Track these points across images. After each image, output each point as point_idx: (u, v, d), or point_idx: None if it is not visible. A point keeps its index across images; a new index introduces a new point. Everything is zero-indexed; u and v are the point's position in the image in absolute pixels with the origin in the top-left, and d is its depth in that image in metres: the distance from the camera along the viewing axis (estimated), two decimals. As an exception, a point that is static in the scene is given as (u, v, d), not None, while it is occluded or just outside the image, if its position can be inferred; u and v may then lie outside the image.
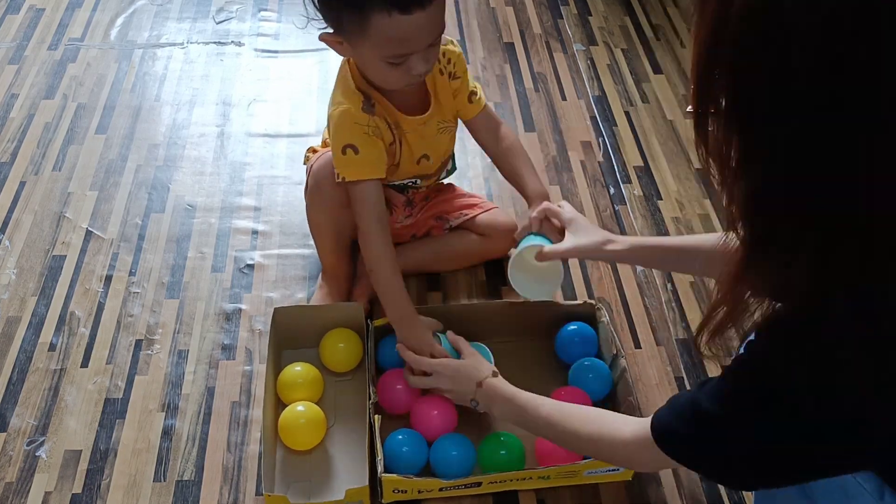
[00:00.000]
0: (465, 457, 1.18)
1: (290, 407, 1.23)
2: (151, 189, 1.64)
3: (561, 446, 1.12)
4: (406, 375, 1.23)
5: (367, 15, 1.09)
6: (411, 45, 1.13)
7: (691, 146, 1.80)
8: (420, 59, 1.15)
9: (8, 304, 1.42)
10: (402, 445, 1.18)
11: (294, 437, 1.22)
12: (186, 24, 2.08)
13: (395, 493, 1.16)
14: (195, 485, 1.20)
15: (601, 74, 1.98)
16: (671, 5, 2.23)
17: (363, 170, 1.22)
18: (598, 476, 1.20)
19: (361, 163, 1.22)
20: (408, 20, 1.08)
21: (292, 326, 1.32)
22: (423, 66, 1.16)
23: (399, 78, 1.18)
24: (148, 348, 1.37)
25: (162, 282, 1.47)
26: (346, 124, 1.21)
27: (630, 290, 1.49)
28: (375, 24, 1.09)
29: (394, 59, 1.14)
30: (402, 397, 1.24)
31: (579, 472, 1.18)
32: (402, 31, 1.10)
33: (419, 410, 1.23)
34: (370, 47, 1.13)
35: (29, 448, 1.23)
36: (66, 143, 1.73)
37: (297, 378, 1.27)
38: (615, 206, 1.65)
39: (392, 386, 1.25)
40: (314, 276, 1.49)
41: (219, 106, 1.85)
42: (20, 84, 1.87)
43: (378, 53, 1.14)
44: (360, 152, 1.22)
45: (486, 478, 1.16)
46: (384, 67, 1.16)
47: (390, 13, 1.08)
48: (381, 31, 1.10)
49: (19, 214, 1.58)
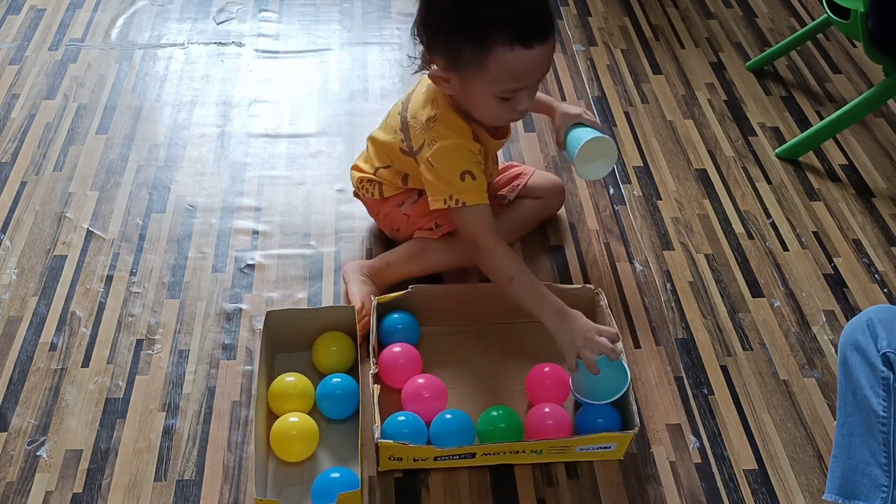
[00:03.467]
0: (464, 430, 1.21)
1: (282, 418, 1.22)
2: (152, 189, 1.64)
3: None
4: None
5: (489, 49, 1.14)
6: (527, 79, 1.18)
7: (691, 146, 1.80)
8: (527, 95, 1.21)
9: (9, 303, 1.43)
10: (403, 427, 1.20)
11: (286, 449, 1.21)
12: (187, 24, 2.09)
13: (391, 460, 1.19)
14: (196, 484, 1.20)
15: (601, 75, 1.98)
16: (671, 6, 2.24)
17: (482, 194, 1.28)
18: (589, 453, 1.22)
19: (480, 188, 1.27)
20: (528, 55, 1.14)
21: (285, 329, 1.32)
22: (527, 103, 1.22)
23: (505, 114, 1.24)
24: (149, 348, 1.37)
25: (163, 282, 1.47)
26: (461, 153, 1.26)
27: (629, 289, 1.50)
28: (496, 59, 1.14)
29: (507, 93, 1.19)
30: (402, 372, 1.29)
31: (571, 447, 1.20)
32: (522, 66, 1.15)
33: (410, 390, 1.26)
34: (485, 82, 1.17)
35: (30, 448, 1.24)
36: (67, 143, 1.74)
37: (289, 389, 1.26)
38: (615, 206, 1.65)
39: (394, 361, 1.28)
40: (315, 276, 1.49)
41: (219, 106, 1.85)
42: (21, 84, 1.87)
43: (493, 89, 1.18)
44: (477, 178, 1.27)
45: (479, 448, 1.18)
46: (493, 103, 1.20)
47: (513, 47, 1.13)
48: (501, 65, 1.15)
49: (20, 214, 1.58)
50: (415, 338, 1.35)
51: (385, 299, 1.34)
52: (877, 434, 1.05)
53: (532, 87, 1.21)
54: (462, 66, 1.18)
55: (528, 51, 1.13)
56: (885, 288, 1.53)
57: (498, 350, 1.37)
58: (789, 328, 1.45)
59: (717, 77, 2.00)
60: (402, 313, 1.35)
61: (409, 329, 1.35)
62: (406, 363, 1.29)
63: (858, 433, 1.07)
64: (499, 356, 1.37)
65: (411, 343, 1.33)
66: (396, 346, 1.31)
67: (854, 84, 2.00)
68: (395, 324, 1.34)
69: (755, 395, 1.35)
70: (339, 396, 1.25)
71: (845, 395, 1.09)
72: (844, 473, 1.09)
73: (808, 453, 1.27)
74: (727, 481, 1.24)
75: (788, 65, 2.05)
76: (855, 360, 1.07)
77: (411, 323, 1.35)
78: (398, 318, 1.35)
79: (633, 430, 1.19)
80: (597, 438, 1.20)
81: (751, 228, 1.63)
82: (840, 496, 1.08)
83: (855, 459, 1.08)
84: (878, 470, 1.05)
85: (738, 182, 1.73)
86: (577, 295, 1.37)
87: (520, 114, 1.24)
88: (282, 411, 1.24)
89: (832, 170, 1.77)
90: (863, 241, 1.62)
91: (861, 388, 1.05)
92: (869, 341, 1.04)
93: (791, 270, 1.55)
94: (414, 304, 1.36)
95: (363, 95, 1.90)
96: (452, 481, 1.22)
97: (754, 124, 1.87)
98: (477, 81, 1.18)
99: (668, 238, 1.60)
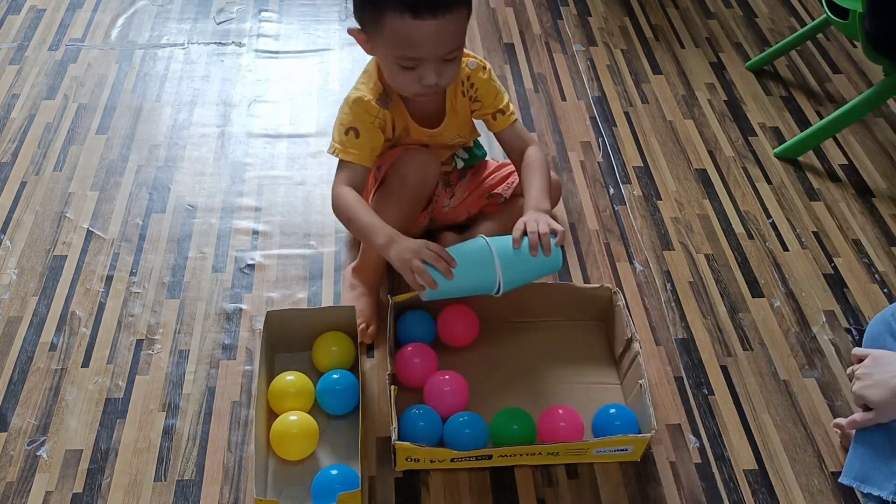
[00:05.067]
0: (478, 434, 1.21)
1: (282, 417, 1.22)
2: (152, 189, 1.64)
3: None
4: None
5: (382, 13, 1.18)
6: (420, 50, 1.19)
7: (690, 146, 1.80)
8: (431, 70, 1.21)
9: (9, 304, 1.43)
10: (419, 420, 1.21)
11: (287, 448, 1.21)
12: (187, 24, 2.09)
13: (408, 461, 1.19)
14: (196, 484, 1.20)
15: (601, 75, 1.98)
16: (671, 6, 2.24)
17: (358, 155, 1.30)
18: (606, 455, 1.22)
19: (360, 147, 1.30)
20: (418, 25, 1.16)
21: (285, 329, 1.32)
22: (433, 78, 1.22)
23: (409, 84, 1.24)
24: (149, 348, 1.37)
25: (163, 282, 1.47)
26: (358, 109, 1.30)
27: (630, 289, 1.50)
28: (388, 24, 1.18)
29: (404, 61, 1.21)
30: (418, 372, 1.29)
31: (588, 449, 1.20)
32: (412, 35, 1.17)
33: (432, 387, 1.26)
34: (382, 45, 1.22)
35: (30, 448, 1.24)
36: (67, 143, 1.74)
37: (289, 387, 1.26)
38: (615, 207, 1.66)
39: (410, 360, 1.29)
40: (315, 276, 1.49)
41: (219, 106, 1.85)
42: (21, 84, 1.87)
43: (389, 53, 1.22)
44: (361, 138, 1.30)
45: (496, 451, 1.19)
46: (396, 70, 1.23)
47: (402, 15, 1.16)
48: (392, 31, 1.18)
49: (20, 214, 1.58)
50: (430, 337, 1.35)
51: (401, 298, 1.35)
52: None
53: (439, 62, 1.20)
54: (366, 28, 1.24)
55: (417, 21, 1.15)
56: (885, 288, 1.53)
57: (515, 348, 1.38)
58: (789, 328, 1.45)
59: (717, 77, 2.00)
60: (417, 312, 1.35)
61: (424, 328, 1.35)
62: (422, 363, 1.29)
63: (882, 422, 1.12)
64: (516, 353, 1.37)
65: (426, 342, 1.33)
66: (411, 345, 1.31)
67: (854, 84, 2.00)
68: (411, 323, 1.35)
69: (755, 395, 1.35)
70: (339, 392, 1.26)
71: None
72: (863, 459, 1.14)
73: (808, 453, 1.27)
74: (727, 481, 1.24)
75: (788, 65, 2.05)
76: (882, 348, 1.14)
77: (427, 322, 1.35)
78: (414, 317, 1.35)
79: (651, 433, 1.18)
80: (614, 441, 1.19)
81: (751, 228, 1.63)
82: (856, 480, 1.13)
83: (875, 447, 1.12)
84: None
85: (738, 182, 1.73)
86: (594, 295, 1.38)
87: (427, 88, 1.23)
88: (282, 410, 1.25)
89: (832, 170, 1.77)
90: (863, 241, 1.62)
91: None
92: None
93: (791, 270, 1.55)
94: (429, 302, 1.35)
95: (363, 95, 1.90)
96: (452, 481, 1.22)
97: (754, 124, 1.87)
98: (377, 45, 1.23)
99: (668, 238, 1.60)
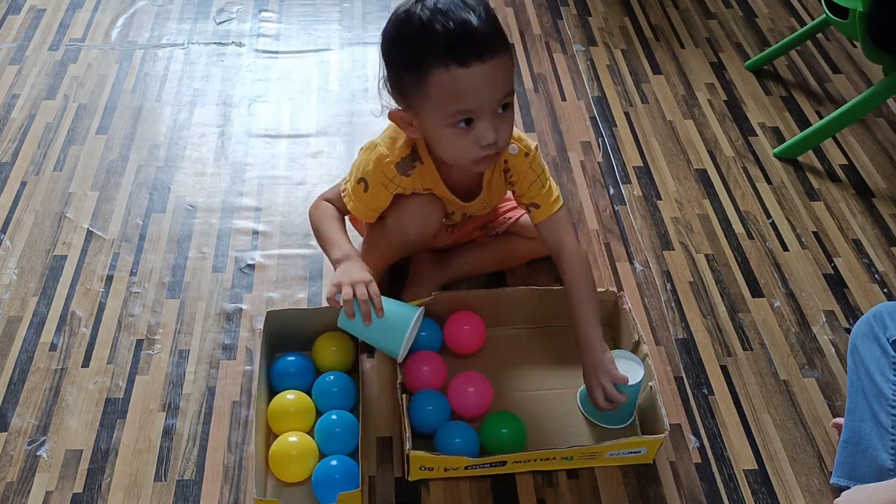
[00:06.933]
0: (468, 442, 1.20)
1: (282, 438, 1.20)
2: (152, 189, 1.64)
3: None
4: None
5: (426, 73, 1.08)
6: (472, 99, 1.09)
7: (690, 146, 1.80)
8: (488, 125, 1.11)
9: (9, 304, 1.43)
10: (427, 405, 1.23)
11: (286, 470, 1.19)
12: (187, 24, 2.09)
13: (422, 470, 1.19)
14: (196, 484, 1.20)
15: (601, 75, 1.98)
16: (671, 6, 2.24)
17: (363, 211, 1.29)
18: (620, 458, 1.22)
19: (366, 202, 1.27)
20: (467, 73, 1.07)
21: (285, 329, 1.32)
22: (491, 136, 1.12)
23: (467, 150, 1.14)
24: (149, 348, 1.37)
25: (163, 282, 1.47)
26: (376, 167, 1.23)
27: (630, 289, 1.50)
28: (434, 82, 1.08)
29: (458, 118, 1.11)
30: (427, 380, 1.28)
31: (602, 453, 1.20)
32: (462, 86, 1.08)
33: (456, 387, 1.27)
34: (431, 112, 1.11)
35: (30, 448, 1.24)
36: (67, 143, 1.74)
37: (289, 407, 1.24)
38: (615, 207, 1.66)
39: (418, 368, 1.28)
40: (315, 276, 1.49)
41: (219, 106, 1.85)
42: (21, 84, 1.88)
43: (441, 115, 1.11)
44: (369, 193, 1.25)
45: (510, 456, 1.18)
46: (451, 137, 1.13)
47: (448, 68, 1.07)
48: (440, 88, 1.08)
49: (20, 214, 1.58)
50: (437, 344, 1.35)
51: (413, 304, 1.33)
52: (885, 418, 1.12)
53: (494, 118, 1.12)
54: (410, 100, 1.13)
55: (465, 69, 1.07)
56: (885, 288, 1.53)
57: (521, 353, 1.38)
58: (789, 328, 1.45)
59: (717, 77, 2.00)
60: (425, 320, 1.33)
61: (431, 336, 1.34)
62: (430, 370, 1.28)
63: (868, 419, 1.14)
64: (522, 359, 1.37)
65: (434, 349, 1.33)
66: (419, 353, 1.30)
67: (854, 84, 2.00)
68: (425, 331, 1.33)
69: (755, 395, 1.35)
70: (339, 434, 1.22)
71: (854, 384, 1.17)
72: (854, 458, 1.16)
73: (808, 453, 1.27)
74: (727, 481, 1.24)
75: (788, 65, 2.05)
76: (865, 348, 1.17)
77: (434, 329, 1.35)
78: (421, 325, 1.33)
79: (663, 435, 1.18)
80: (627, 444, 1.19)
81: (751, 228, 1.63)
82: (847, 479, 1.15)
83: (864, 445, 1.14)
84: (886, 455, 1.12)
85: (738, 182, 1.73)
86: (600, 299, 1.36)
87: (486, 149, 1.13)
88: (281, 430, 1.22)
89: (832, 170, 1.77)
90: (863, 241, 1.62)
91: (871, 373, 1.15)
92: (879, 330, 1.16)
93: (791, 270, 1.55)
94: (437, 311, 1.35)
95: (363, 95, 1.90)
96: (452, 481, 1.22)
97: (754, 124, 1.87)
98: (426, 115, 1.13)
99: (668, 238, 1.60)
